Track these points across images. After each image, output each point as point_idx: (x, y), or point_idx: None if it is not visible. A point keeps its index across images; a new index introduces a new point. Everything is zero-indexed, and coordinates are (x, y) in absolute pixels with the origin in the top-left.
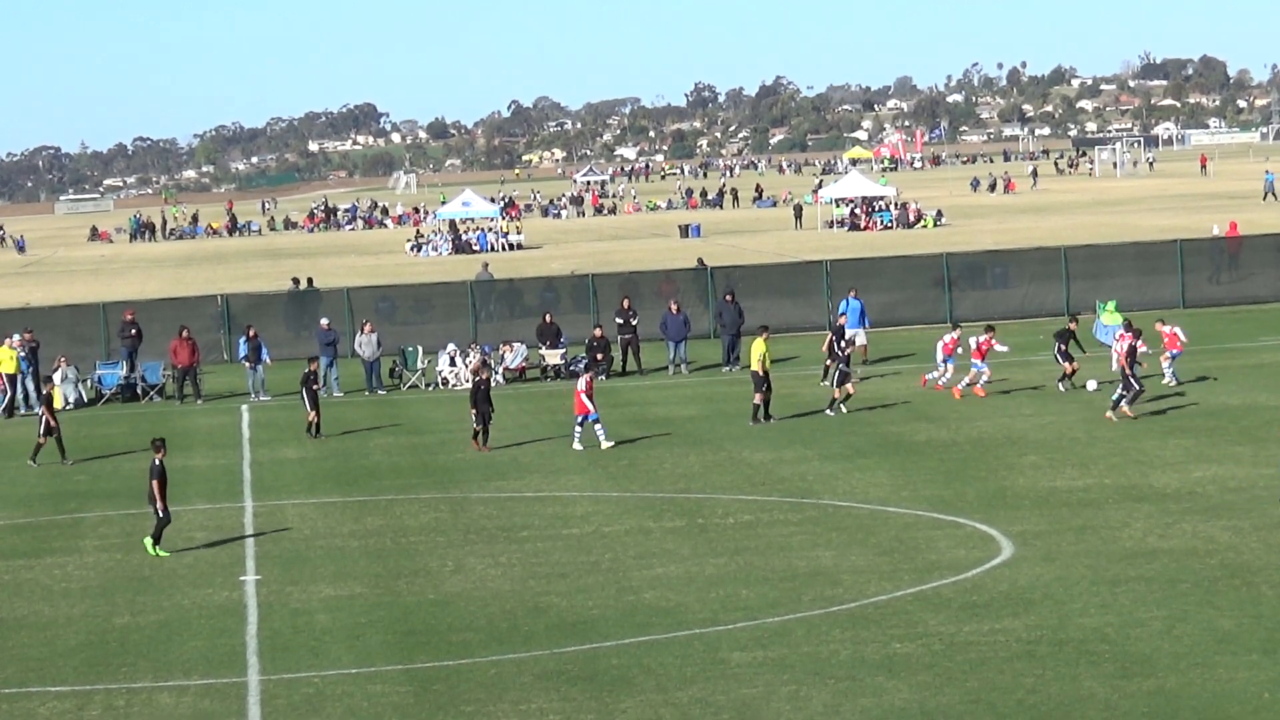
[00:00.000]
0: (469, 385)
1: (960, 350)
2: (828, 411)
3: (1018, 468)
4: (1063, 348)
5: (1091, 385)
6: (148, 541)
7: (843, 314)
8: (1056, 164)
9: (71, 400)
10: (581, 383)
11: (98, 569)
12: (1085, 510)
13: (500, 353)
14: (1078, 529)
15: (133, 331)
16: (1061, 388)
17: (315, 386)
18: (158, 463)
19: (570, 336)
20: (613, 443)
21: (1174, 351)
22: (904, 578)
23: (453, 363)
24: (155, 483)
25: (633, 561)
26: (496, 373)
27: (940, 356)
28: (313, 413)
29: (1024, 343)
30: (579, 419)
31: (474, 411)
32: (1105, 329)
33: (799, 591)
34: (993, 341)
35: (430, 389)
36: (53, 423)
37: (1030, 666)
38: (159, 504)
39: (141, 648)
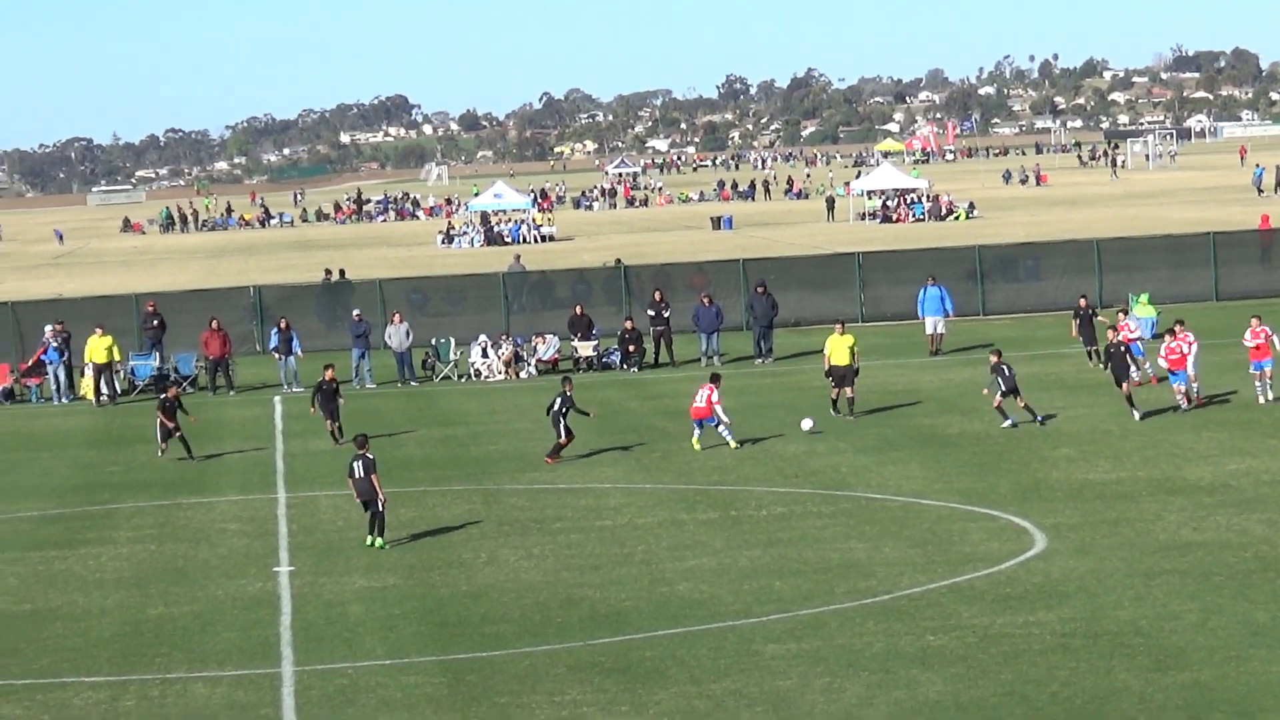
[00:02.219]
0: (502, 378)
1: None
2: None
3: (1051, 460)
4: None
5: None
6: (378, 541)
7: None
8: (1080, 157)
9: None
10: (710, 392)
11: (132, 560)
12: (1119, 503)
13: (532, 344)
14: (1111, 521)
15: (155, 323)
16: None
17: (340, 399)
18: (370, 456)
19: (602, 328)
20: (739, 444)
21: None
22: (938, 570)
23: (485, 354)
24: (374, 476)
25: (666, 553)
26: (529, 364)
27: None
28: (330, 421)
29: (1055, 335)
30: (699, 422)
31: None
32: (1138, 321)
33: (832, 584)
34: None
35: (463, 381)
36: (170, 425)
37: (1064, 659)
38: (379, 496)
39: (176, 638)
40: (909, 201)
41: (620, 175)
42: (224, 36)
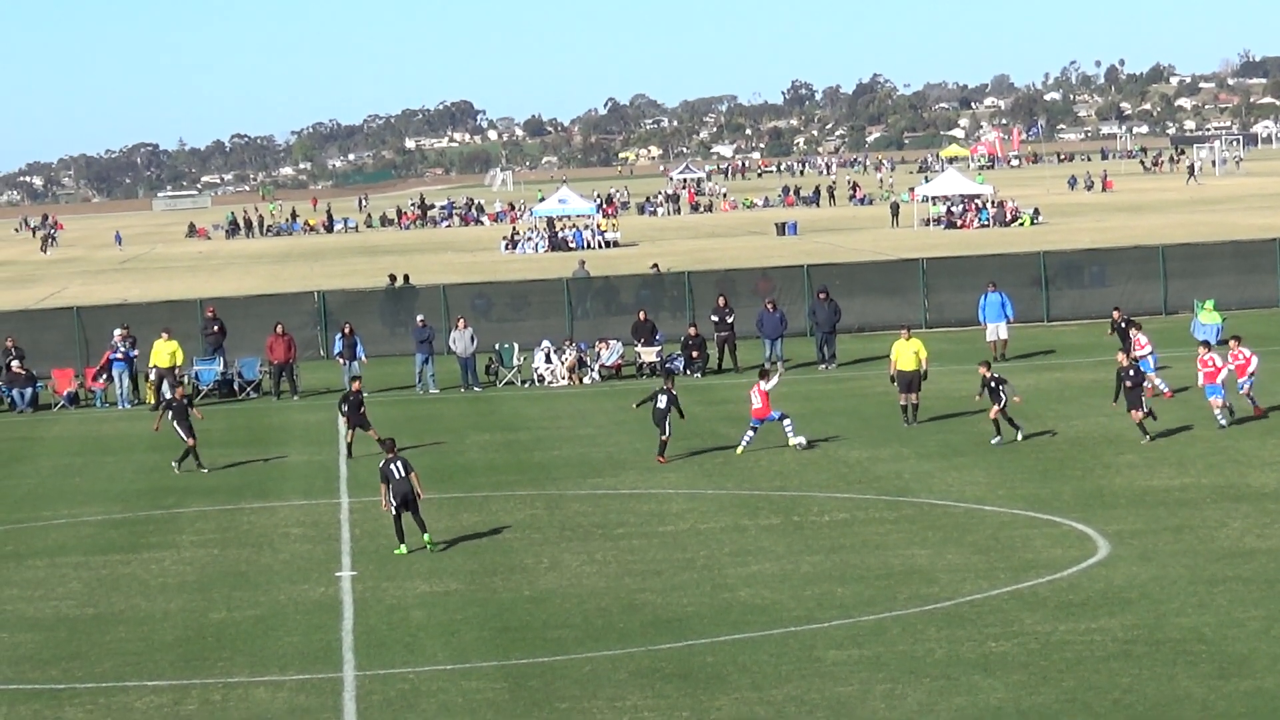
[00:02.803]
0: (565, 383)
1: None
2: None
3: (1115, 467)
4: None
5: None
6: (426, 537)
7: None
8: (1142, 163)
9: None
10: (756, 386)
11: (195, 564)
12: (1182, 510)
13: (596, 350)
14: (1175, 528)
15: (215, 328)
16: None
17: (361, 410)
18: (404, 458)
19: (666, 334)
20: (803, 440)
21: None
22: (1000, 576)
23: (548, 360)
24: (414, 474)
25: (728, 559)
26: (592, 370)
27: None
28: (350, 432)
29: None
30: (755, 422)
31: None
32: (1203, 327)
33: (894, 590)
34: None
35: (526, 386)
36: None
37: (1126, 666)
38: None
39: (238, 643)
40: (975, 208)
41: (685, 181)
42: (290, 42)
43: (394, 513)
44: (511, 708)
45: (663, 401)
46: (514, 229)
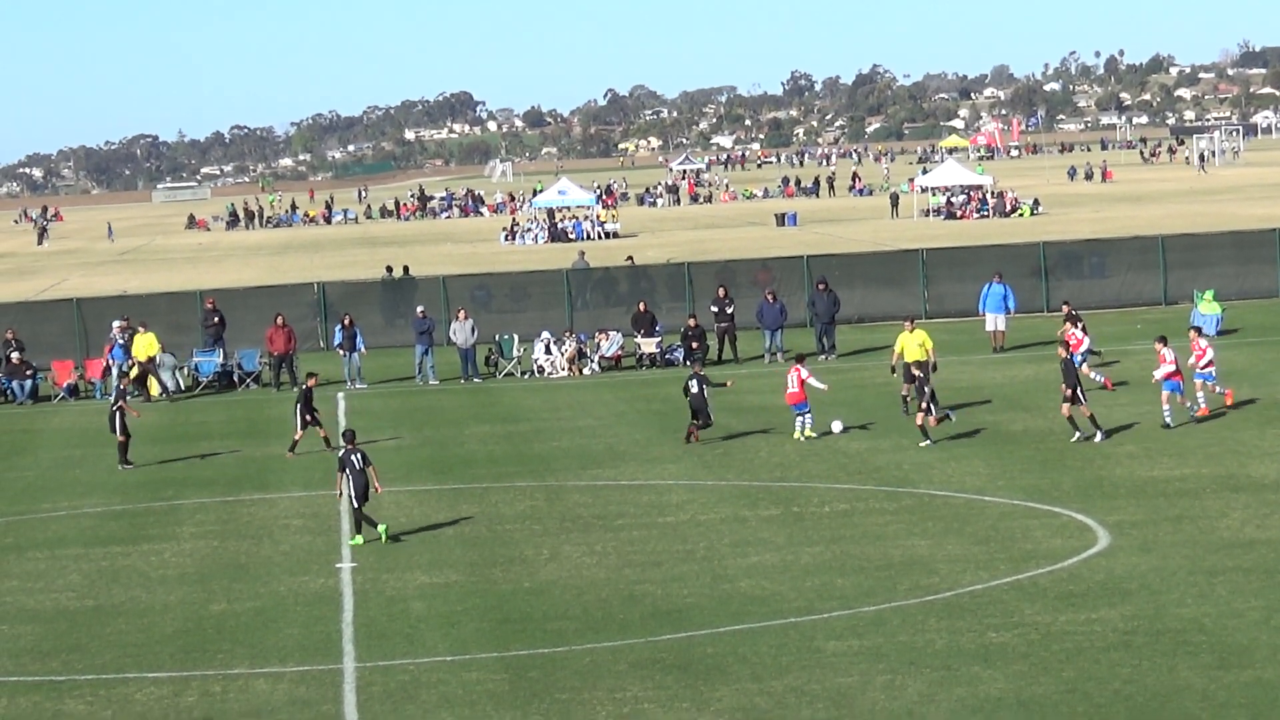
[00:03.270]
0: (565, 374)
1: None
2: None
3: (1114, 457)
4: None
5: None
6: (381, 527)
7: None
8: (1141, 153)
9: (170, 388)
10: (798, 372)
11: (195, 556)
12: (1182, 500)
13: (596, 341)
14: (1174, 519)
15: (215, 319)
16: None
17: (314, 408)
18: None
19: (666, 325)
20: (815, 435)
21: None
22: (1000, 567)
23: (548, 351)
24: (371, 468)
25: (728, 550)
26: (592, 361)
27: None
28: (303, 429)
29: (1120, 332)
30: (798, 408)
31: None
32: (1203, 318)
33: (894, 580)
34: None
35: (526, 377)
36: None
37: (1127, 656)
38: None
39: (238, 634)
40: (977, 199)
41: (684, 172)
42: (290, 34)
43: (353, 505)
44: (511, 699)
45: (695, 385)
46: (513, 220)
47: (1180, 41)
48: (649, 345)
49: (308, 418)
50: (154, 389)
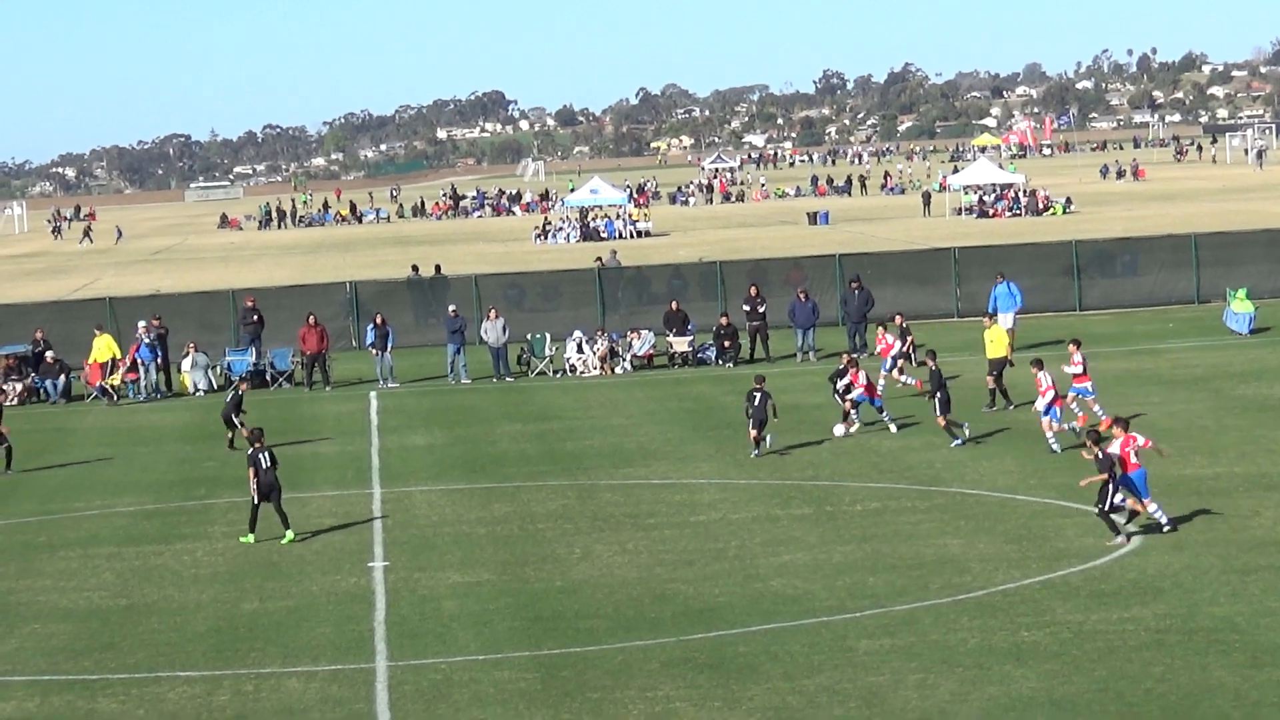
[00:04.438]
0: (597, 373)
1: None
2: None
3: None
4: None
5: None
6: (289, 534)
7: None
8: (1175, 153)
9: (202, 387)
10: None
11: (227, 555)
12: (1214, 499)
13: (628, 340)
14: (1207, 517)
15: (254, 318)
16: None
17: (240, 410)
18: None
19: (698, 324)
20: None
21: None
22: (1032, 566)
23: (580, 350)
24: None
25: (760, 549)
26: (624, 360)
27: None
28: (231, 431)
29: (1153, 331)
30: (876, 402)
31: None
32: (1235, 316)
33: (927, 579)
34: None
35: (558, 376)
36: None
37: (1159, 655)
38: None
39: (270, 633)
40: (1007, 197)
41: (716, 170)
42: (322, 33)
43: (254, 501)
44: (543, 698)
45: (758, 399)
46: (545, 219)
47: (1213, 39)
48: (681, 344)
49: (238, 419)
50: (184, 387)
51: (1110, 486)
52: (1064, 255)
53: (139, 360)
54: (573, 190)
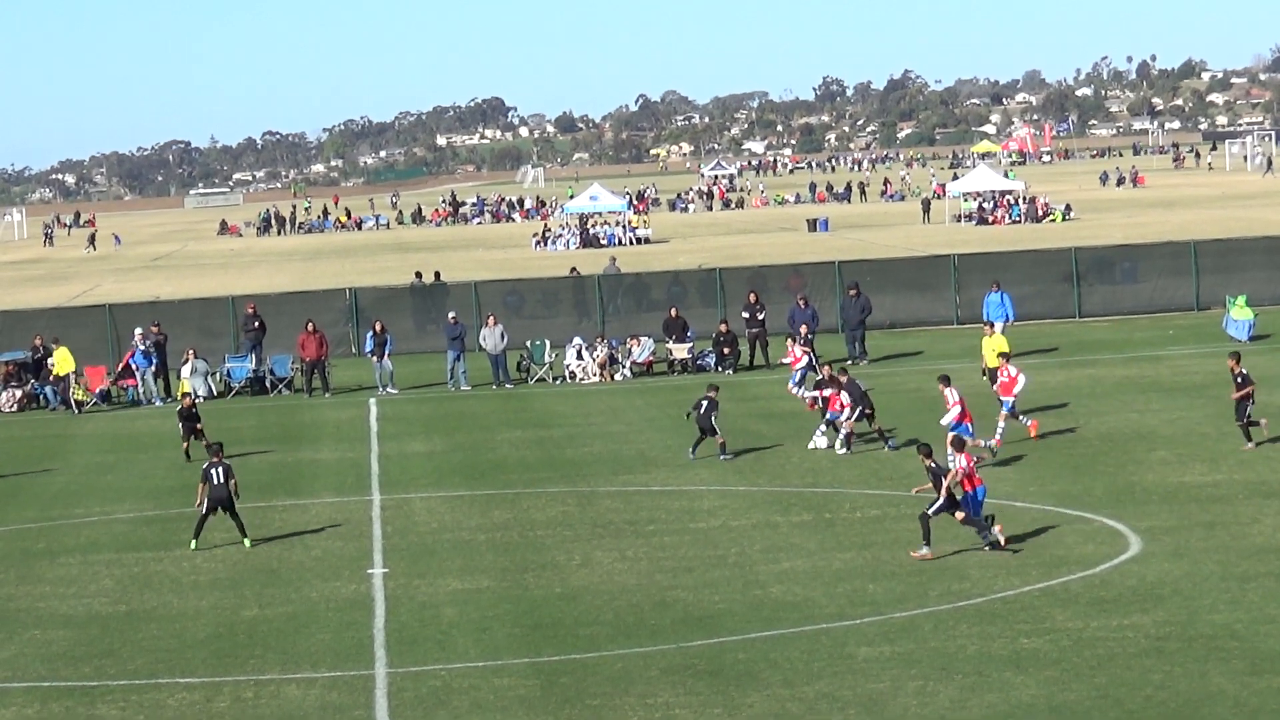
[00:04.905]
0: (596, 380)
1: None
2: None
3: (1146, 463)
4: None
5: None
6: (247, 541)
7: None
8: (1175, 161)
9: (201, 393)
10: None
11: (226, 561)
12: (1214, 506)
13: (627, 347)
14: (1207, 525)
15: (255, 324)
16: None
17: (199, 424)
18: (228, 463)
19: (697, 330)
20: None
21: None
22: (1032, 573)
23: (579, 356)
24: (233, 481)
25: (759, 556)
26: (624, 366)
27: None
28: (185, 441)
29: (1152, 338)
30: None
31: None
32: (1235, 324)
33: (926, 586)
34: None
35: (557, 383)
36: None
37: (1158, 662)
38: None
39: (269, 640)
40: (1006, 204)
41: (716, 177)
42: (322, 39)
43: (202, 511)
44: (543, 705)
45: (704, 407)
46: (545, 226)
47: (1212, 46)
48: (680, 351)
49: (197, 427)
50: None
51: (941, 499)
52: (1064, 262)
53: (134, 366)
54: (572, 197)
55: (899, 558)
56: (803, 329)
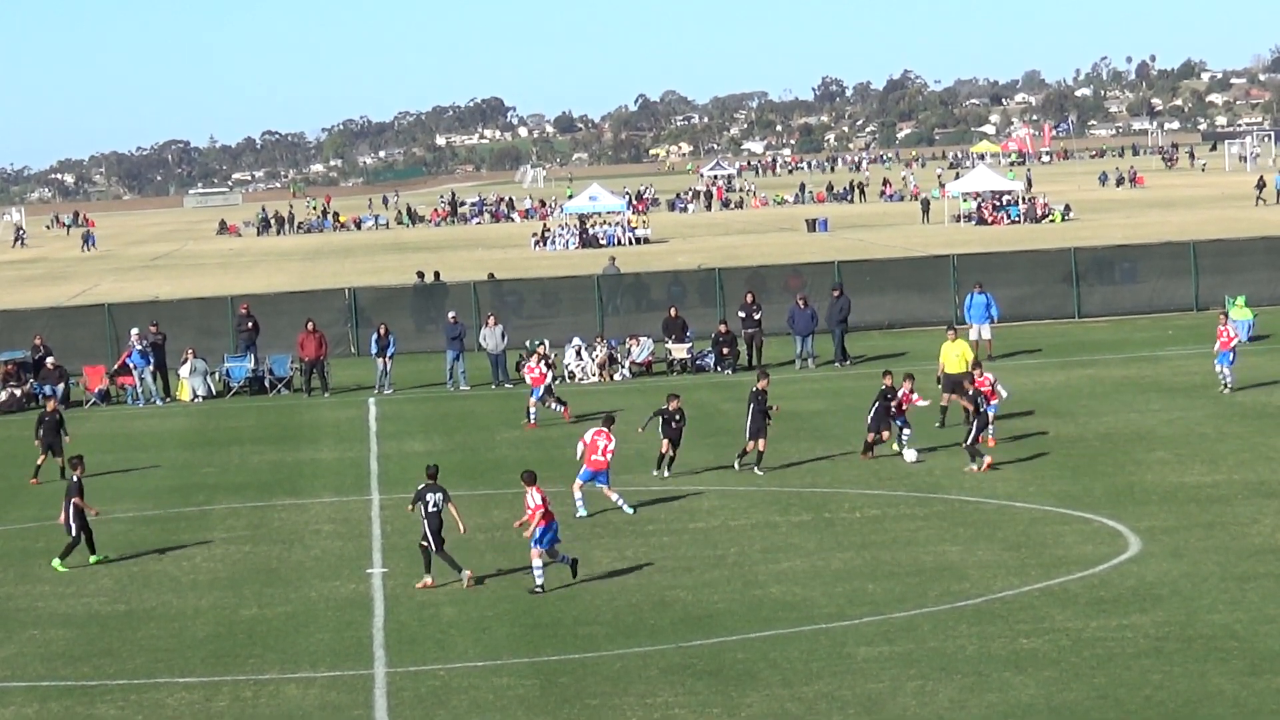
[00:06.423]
0: (596, 380)
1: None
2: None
3: (1146, 463)
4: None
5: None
6: (93, 557)
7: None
8: (1166, 161)
9: (200, 393)
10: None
11: (226, 561)
12: (1214, 506)
13: (627, 347)
14: (1206, 525)
15: (249, 325)
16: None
17: (64, 433)
18: (76, 479)
19: (697, 330)
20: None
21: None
22: (1031, 573)
23: (579, 356)
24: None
25: (759, 556)
26: (623, 366)
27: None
28: (43, 456)
29: (1152, 338)
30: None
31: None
32: (1235, 324)
33: (925, 586)
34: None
35: (557, 382)
36: None
37: (1158, 663)
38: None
39: (269, 639)
40: (1005, 204)
41: (715, 177)
42: (321, 39)
43: (72, 532)
44: (542, 704)
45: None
46: (544, 226)
47: (1212, 47)
48: (680, 351)
49: (46, 441)
50: (182, 393)
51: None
52: (1063, 262)
53: (131, 366)
54: (571, 197)
55: (898, 557)
56: (541, 347)
